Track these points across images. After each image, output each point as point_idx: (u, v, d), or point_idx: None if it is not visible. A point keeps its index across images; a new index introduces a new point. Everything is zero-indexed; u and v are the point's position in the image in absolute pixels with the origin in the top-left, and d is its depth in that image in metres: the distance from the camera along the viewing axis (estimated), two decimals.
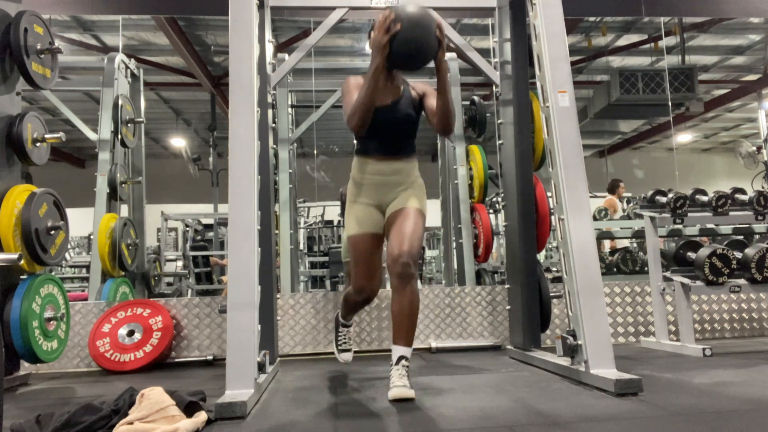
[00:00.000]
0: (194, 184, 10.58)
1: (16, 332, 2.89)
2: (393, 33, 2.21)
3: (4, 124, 3.09)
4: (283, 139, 5.16)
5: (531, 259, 3.34)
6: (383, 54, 2.26)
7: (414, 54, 2.29)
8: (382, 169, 2.55)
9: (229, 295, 2.49)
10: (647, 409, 2.01)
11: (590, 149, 12.70)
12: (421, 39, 2.25)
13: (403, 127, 2.56)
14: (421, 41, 2.25)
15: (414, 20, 2.23)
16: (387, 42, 2.23)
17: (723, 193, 3.69)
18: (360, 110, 2.37)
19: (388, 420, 2.00)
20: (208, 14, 5.89)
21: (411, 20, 2.22)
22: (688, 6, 4.85)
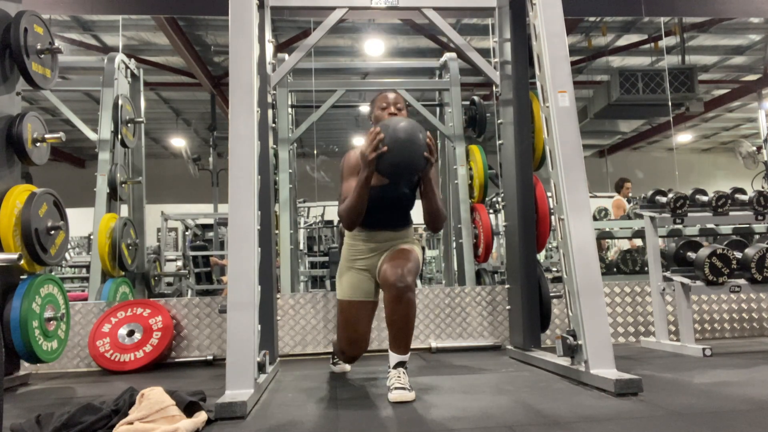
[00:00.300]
0: (194, 184, 10.58)
1: (16, 332, 2.89)
2: (380, 152, 2.29)
3: (4, 124, 3.09)
4: (283, 139, 5.16)
5: (531, 259, 3.34)
6: (371, 168, 2.34)
7: (399, 171, 2.39)
8: (376, 238, 2.62)
9: (229, 295, 2.49)
10: (647, 409, 2.01)
11: (590, 149, 12.69)
12: (408, 159, 2.33)
13: (399, 205, 2.62)
14: (407, 162, 2.33)
15: (401, 141, 2.30)
16: (374, 159, 2.30)
17: (723, 193, 3.69)
18: (352, 214, 2.45)
19: (388, 420, 2.00)
20: (208, 14, 5.88)
21: (398, 141, 2.29)
22: (688, 6, 4.85)
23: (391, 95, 2.64)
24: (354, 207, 2.42)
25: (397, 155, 2.30)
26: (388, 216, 2.61)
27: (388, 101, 2.62)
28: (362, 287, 2.62)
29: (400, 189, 2.57)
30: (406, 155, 2.31)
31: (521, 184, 3.36)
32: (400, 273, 2.36)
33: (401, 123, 2.34)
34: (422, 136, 2.33)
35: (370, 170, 2.34)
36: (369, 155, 2.30)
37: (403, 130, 2.31)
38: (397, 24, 7.49)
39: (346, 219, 2.48)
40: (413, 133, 2.31)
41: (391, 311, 2.35)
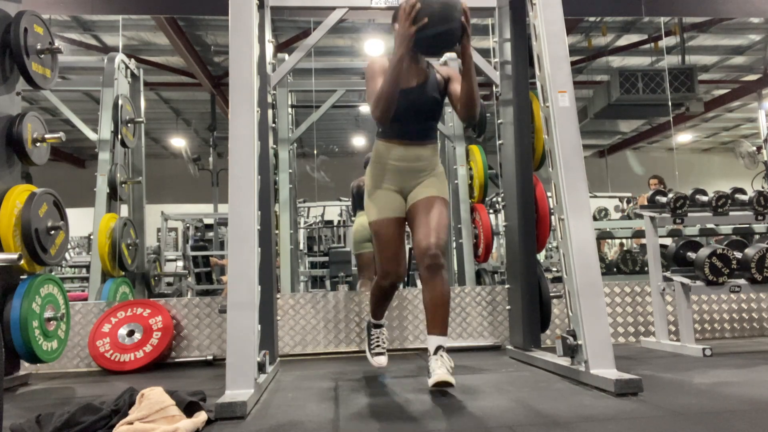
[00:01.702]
0: (194, 184, 10.58)
1: (16, 332, 2.89)
2: (420, 25, 2.18)
3: (4, 124, 3.09)
4: (283, 139, 5.16)
5: (531, 259, 3.34)
6: (408, 45, 2.24)
7: (439, 43, 2.27)
8: (405, 155, 2.55)
9: (229, 295, 2.49)
10: (647, 409, 2.01)
11: (590, 149, 12.70)
12: (447, 28, 2.21)
13: (428, 111, 2.55)
14: (446, 30, 2.22)
15: (440, 8, 2.19)
16: (413, 34, 2.20)
17: (723, 193, 3.69)
18: (384, 101, 2.36)
19: (388, 420, 2.00)
20: (208, 14, 5.89)
21: (437, 9, 2.18)
22: (688, 6, 4.85)
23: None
24: (387, 92, 2.33)
25: (436, 26, 2.18)
26: (417, 125, 2.53)
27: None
28: (392, 205, 2.57)
29: (429, 92, 2.50)
30: (445, 25, 2.20)
31: (521, 184, 3.36)
32: (434, 253, 2.39)
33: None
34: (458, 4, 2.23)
35: (407, 46, 2.23)
36: (408, 29, 2.19)
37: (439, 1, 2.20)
38: None
39: (379, 106, 2.37)
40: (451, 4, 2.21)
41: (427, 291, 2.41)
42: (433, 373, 2.29)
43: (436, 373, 2.27)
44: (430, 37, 2.22)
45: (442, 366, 2.31)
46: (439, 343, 2.38)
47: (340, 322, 3.91)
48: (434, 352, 2.37)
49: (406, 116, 2.48)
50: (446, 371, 2.29)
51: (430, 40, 2.24)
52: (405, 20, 2.22)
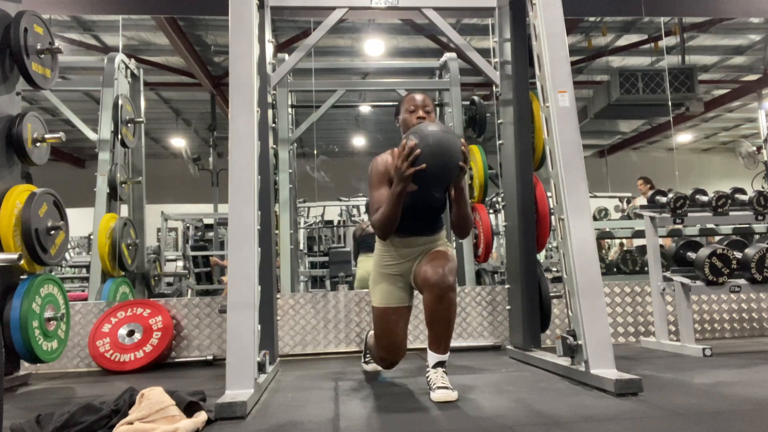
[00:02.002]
0: (194, 184, 10.58)
1: (16, 332, 2.89)
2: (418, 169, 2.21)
3: (4, 124, 3.09)
4: (283, 139, 5.16)
5: (531, 259, 3.34)
6: (407, 183, 2.27)
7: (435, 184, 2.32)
8: (410, 243, 2.58)
9: (229, 295, 2.49)
10: (647, 409, 2.01)
11: (590, 149, 12.69)
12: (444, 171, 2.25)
13: (432, 211, 2.58)
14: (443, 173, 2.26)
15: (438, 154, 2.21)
16: (410, 176, 2.23)
17: (723, 193, 3.69)
18: (385, 226, 2.41)
19: (388, 420, 2.00)
20: (208, 14, 5.89)
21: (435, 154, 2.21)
22: (688, 6, 4.85)
23: (419, 97, 2.59)
24: (388, 219, 2.38)
25: (434, 169, 2.22)
26: (421, 222, 2.57)
27: (416, 103, 2.57)
28: (396, 293, 2.58)
29: (432, 195, 2.53)
30: (443, 168, 2.23)
31: (521, 184, 3.36)
32: (442, 273, 2.33)
33: (436, 133, 2.24)
34: (457, 144, 2.26)
35: (405, 184, 2.27)
36: (406, 171, 2.23)
37: (438, 142, 2.22)
38: (397, 24, 7.49)
39: (380, 231, 2.44)
40: (450, 145, 2.23)
41: (432, 311, 2.33)
42: (436, 387, 2.28)
43: (437, 392, 2.25)
44: (426, 177, 2.26)
45: (442, 380, 2.30)
46: (441, 359, 2.36)
47: (340, 322, 3.91)
48: (433, 366, 2.36)
49: (409, 217, 2.48)
50: (446, 388, 2.27)
51: (426, 180, 2.28)
52: (403, 161, 2.23)
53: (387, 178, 2.46)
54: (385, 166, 2.50)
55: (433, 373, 2.34)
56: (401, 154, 2.25)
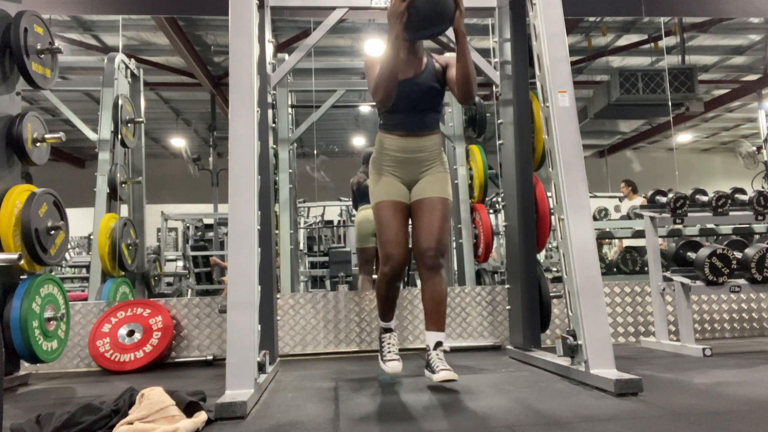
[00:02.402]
0: (194, 184, 10.59)
1: (16, 332, 2.89)
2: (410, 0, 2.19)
3: (4, 124, 3.09)
4: (283, 139, 5.16)
5: (531, 259, 3.34)
6: (402, 21, 2.24)
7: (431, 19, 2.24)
8: (406, 146, 2.57)
9: (229, 295, 2.49)
10: (647, 409, 2.01)
11: (590, 149, 12.69)
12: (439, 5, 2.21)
13: (427, 100, 2.56)
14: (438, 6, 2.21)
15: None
16: (405, 9, 2.20)
17: (723, 193, 3.69)
18: (384, 81, 2.36)
19: (388, 420, 2.00)
20: (208, 14, 5.89)
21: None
22: (688, 6, 4.85)
23: None
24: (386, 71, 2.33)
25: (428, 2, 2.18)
26: (416, 115, 2.55)
27: None
28: (395, 191, 2.60)
29: (428, 81, 2.51)
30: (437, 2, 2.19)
31: (521, 184, 3.36)
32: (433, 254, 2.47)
33: None
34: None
35: (401, 24, 2.24)
36: (399, 6, 2.20)
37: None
38: None
39: (380, 88, 2.38)
40: None
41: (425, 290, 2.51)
42: (437, 368, 2.36)
43: (441, 370, 2.34)
44: (421, 12, 2.19)
45: (443, 361, 2.40)
46: (439, 338, 2.48)
47: (340, 322, 3.92)
48: (434, 347, 2.47)
49: (405, 107, 2.49)
50: (449, 368, 2.36)
51: (422, 16, 2.22)
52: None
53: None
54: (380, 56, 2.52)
55: (434, 355, 2.44)
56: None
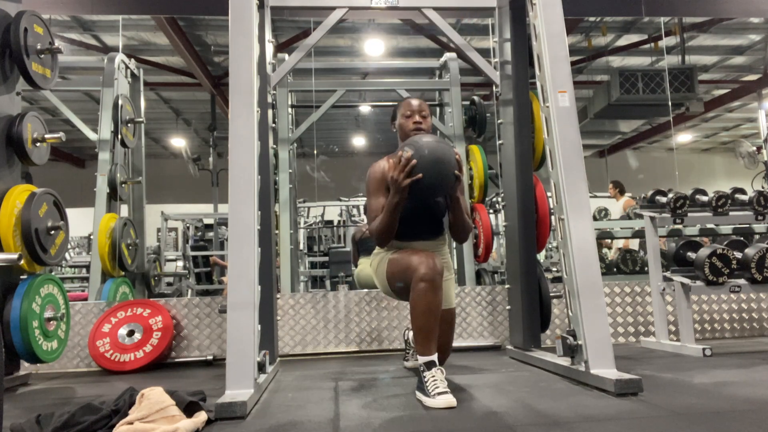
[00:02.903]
0: (194, 184, 10.58)
1: (16, 332, 2.89)
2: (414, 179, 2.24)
3: (4, 124, 3.08)
4: (283, 139, 5.16)
5: (531, 259, 3.34)
6: (403, 195, 2.30)
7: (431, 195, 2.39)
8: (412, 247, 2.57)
9: (229, 295, 2.49)
10: (647, 409, 2.01)
11: (590, 149, 12.69)
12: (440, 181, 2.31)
13: (433, 215, 2.61)
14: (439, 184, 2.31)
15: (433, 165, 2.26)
16: (407, 186, 2.26)
17: (723, 193, 3.69)
18: (382, 235, 2.44)
19: (388, 420, 2.00)
20: (208, 14, 5.89)
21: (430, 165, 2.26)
22: (688, 6, 4.85)
23: (415, 102, 2.62)
24: (385, 229, 2.40)
25: (430, 179, 2.27)
26: (422, 227, 2.60)
27: (413, 108, 2.60)
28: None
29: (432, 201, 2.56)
30: (439, 178, 2.29)
31: (521, 184, 3.36)
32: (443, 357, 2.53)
33: (431, 144, 2.30)
34: (452, 155, 2.31)
35: (402, 196, 2.30)
36: (402, 182, 2.26)
37: (433, 153, 2.27)
38: (397, 24, 7.48)
39: (378, 239, 2.47)
40: (444, 155, 2.29)
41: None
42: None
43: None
44: (422, 188, 2.30)
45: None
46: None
47: (340, 322, 3.92)
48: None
49: (410, 221, 2.51)
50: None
51: (423, 191, 2.33)
52: (400, 172, 2.26)
53: (385, 185, 2.46)
54: (382, 173, 2.51)
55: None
56: (397, 165, 2.28)
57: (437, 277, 2.28)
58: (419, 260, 2.31)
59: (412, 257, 2.37)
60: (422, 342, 2.28)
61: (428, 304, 2.26)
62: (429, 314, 2.26)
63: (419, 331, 2.28)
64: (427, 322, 2.26)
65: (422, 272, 2.27)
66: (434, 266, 2.29)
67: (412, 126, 2.57)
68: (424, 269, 2.27)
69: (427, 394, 2.18)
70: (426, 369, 2.25)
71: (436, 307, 2.28)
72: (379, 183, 2.50)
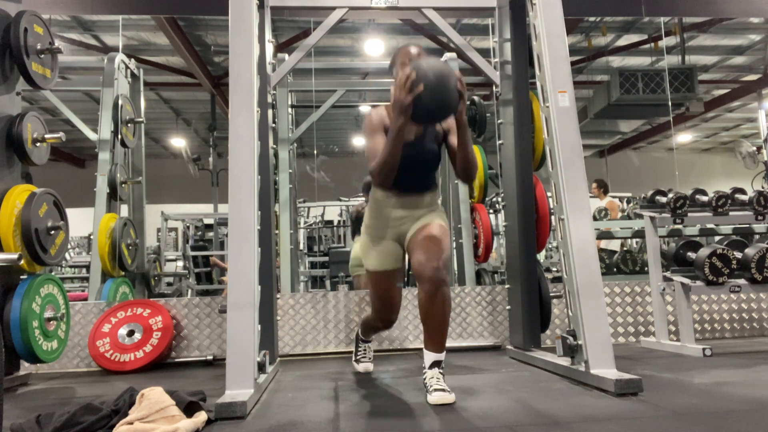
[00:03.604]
0: (194, 184, 10.58)
1: (16, 332, 2.89)
2: (416, 94, 2.18)
3: (4, 124, 3.09)
4: (283, 139, 5.16)
5: (531, 259, 3.34)
6: (407, 114, 2.23)
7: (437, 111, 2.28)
8: (404, 204, 2.53)
9: (229, 295, 2.49)
10: (647, 409, 2.01)
11: (590, 149, 12.69)
12: (444, 97, 2.23)
13: (427, 163, 2.55)
14: (443, 99, 2.24)
15: (436, 79, 2.20)
16: (410, 103, 2.20)
17: (723, 193, 3.69)
18: (386, 170, 2.35)
19: (388, 420, 2.00)
20: (208, 14, 5.89)
21: (433, 79, 2.20)
22: (688, 6, 4.85)
23: (414, 50, 2.54)
24: (389, 159, 2.32)
25: (433, 95, 2.19)
26: (416, 175, 2.53)
27: (411, 56, 2.52)
28: (392, 255, 2.56)
29: (427, 145, 2.50)
30: (442, 95, 2.21)
31: (521, 184, 3.36)
32: (435, 266, 2.27)
33: (432, 62, 2.24)
34: (453, 73, 2.25)
35: (406, 115, 2.23)
36: (405, 98, 2.19)
37: (434, 70, 2.20)
38: (397, 24, 7.48)
39: (380, 174, 2.37)
40: (445, 72, 2.22)
41: (427, 308, 2.28)
42: (432, 389, 2.23)
43: (434, 395, 2.20)
44: (427, 105, 2.23)
45: (438, 382, 2.25)
46: (436, 358, 2.32)
47: (340, 322, 3.91)
48: (430, 367, 2.31)
49: (404, 168, 2.43)
50: (443, 390, 2.22)
51: (427, 109, 2.25)
52: (401, 90, 2.21)
53: (383, 128, 2.42)
54: (380, 117, 2.47)
55: (430, 374, 2.30)
56: (400, 83, 2.21)
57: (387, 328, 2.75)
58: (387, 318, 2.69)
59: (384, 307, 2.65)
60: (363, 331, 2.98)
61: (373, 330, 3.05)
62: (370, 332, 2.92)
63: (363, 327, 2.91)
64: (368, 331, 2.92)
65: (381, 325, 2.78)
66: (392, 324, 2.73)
67: None
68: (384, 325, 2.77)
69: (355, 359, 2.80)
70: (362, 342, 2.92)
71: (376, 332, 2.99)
72: (378, 125, 2.45)
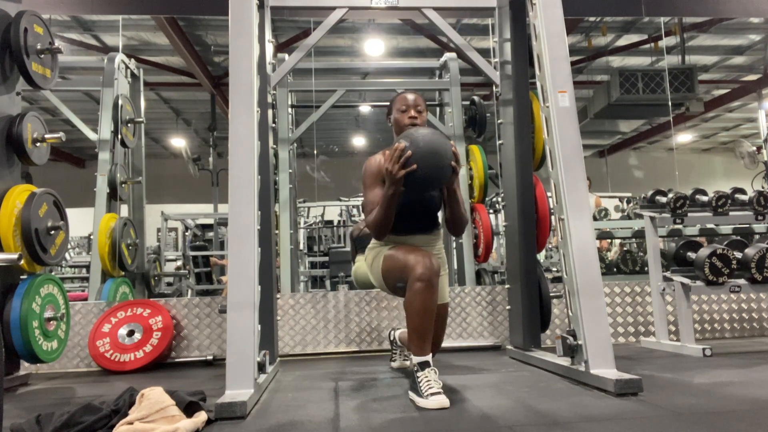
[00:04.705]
0: (194, 184, 10.58)
1: (16, 332, 2.89)
2: (409, 171, 2.22)
3: (4, 124, 3.09)
4: (283, 139, 5.16)
5: (531, 259, 3.34)
6: (398, 186, 2.27)
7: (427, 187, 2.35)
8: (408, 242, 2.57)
9: (229, 295, 2.49)
10: (647, 409, 2.01)
11: (590, 149, 12.69)
12: (436, 174, 2.27)
13: (428, 210, 2.59)
14: (435, 176, 2.28)
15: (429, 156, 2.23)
16: (402, 177, 2.24)
17: (723, 193, 3.69)
18: (380, 227, 2.41)
19: (388, 420, 2.00)
20: (208, 14, 5.89)
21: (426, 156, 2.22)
22: (688, 6, 4.85)
23: (411, 96, 2.60)
24: (382, 221, 2.39)
25: (425, 171, 2.23)
26: (418, 221, 2.58)
27: (408, 103, 2.58)
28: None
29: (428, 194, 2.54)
30: (434, 170, 2.25)
31: (521, 184, 3.36)
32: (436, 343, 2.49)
33: (427, 136, 2.27)
34: (448, 147, 2.28)
35: (396, 188, 2.28)
36: (397, 174, 2.23)
37: (429, 144, 2.23)
38: (397, 24, 7.48)
39: (375, 232, 2.45)
40: (440, 146, 2.25)
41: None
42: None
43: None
44: (419, 181, 2.27)
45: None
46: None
47: (340, 322, 3.92)
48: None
49: (406, 215, 2.50)
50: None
51: (418, 184, 2.29)
52: (395, 164, 2.24)
53: (380, 178, 2.44)
54: (378, 166, 2.50)
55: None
56: (392, 156, 2.26)
57: (434, 277, 2.26)
58: (416, 259, 2.30)
59: (408, 256, 2.36)
60: (417, 342, 2.28)
61: (424, 304, 2.25)
62: (425, 314, 2.25)
63: (414, 331, 2.28)
64: (423, 323, 2.25)
65: (419, 272, 2.25)
66: (431, 266, 2.27)
67: (407, 121, 2.55)
68: (421, 269, 2.26)
69: (420, 395, 2.18)
70: (420, 369, 2.25)
71: (431, 307, 2.26)
72: (376, 176, 2.48)
